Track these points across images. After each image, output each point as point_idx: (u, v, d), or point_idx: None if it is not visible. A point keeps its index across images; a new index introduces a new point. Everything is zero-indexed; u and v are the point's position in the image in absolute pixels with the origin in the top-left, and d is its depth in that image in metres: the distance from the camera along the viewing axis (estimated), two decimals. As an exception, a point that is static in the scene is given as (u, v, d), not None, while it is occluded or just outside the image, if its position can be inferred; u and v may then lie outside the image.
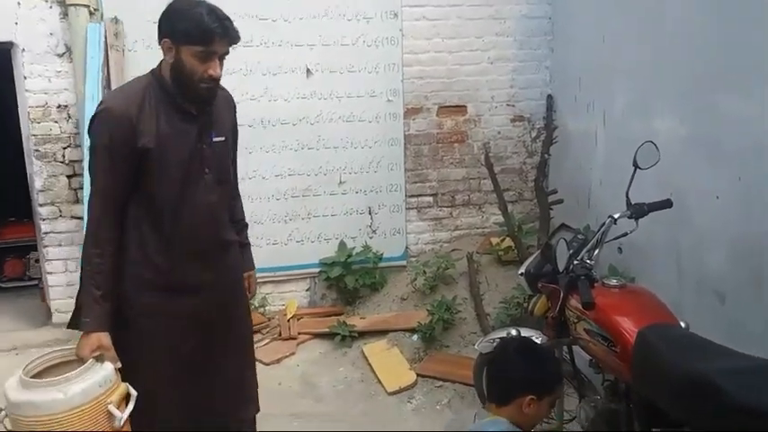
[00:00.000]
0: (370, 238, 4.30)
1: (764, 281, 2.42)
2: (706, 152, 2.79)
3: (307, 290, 4.27)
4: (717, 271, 2.71)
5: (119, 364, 1.88)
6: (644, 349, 1.81)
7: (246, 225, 2.35)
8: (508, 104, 4.43)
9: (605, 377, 2.21)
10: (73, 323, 1.93)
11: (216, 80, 1.91)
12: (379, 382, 3.38)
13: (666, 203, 2.33)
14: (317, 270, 4.22)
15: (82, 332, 1.87)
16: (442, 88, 4.32)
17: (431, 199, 4.45)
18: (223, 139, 2.04)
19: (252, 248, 2.37)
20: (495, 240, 4.24)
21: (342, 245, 4.24)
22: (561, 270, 2.22)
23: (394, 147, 4.26)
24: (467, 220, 4.53)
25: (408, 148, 4.32)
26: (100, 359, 1.84)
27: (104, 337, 1.86)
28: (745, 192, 2.55)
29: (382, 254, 4.28)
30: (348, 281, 4.13)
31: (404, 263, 4.37)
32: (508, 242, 4.04)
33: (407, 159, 4.33)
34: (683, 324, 1.98)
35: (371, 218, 4.30)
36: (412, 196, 4.39)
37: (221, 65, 1.91)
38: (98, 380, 1.76)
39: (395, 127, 4.24)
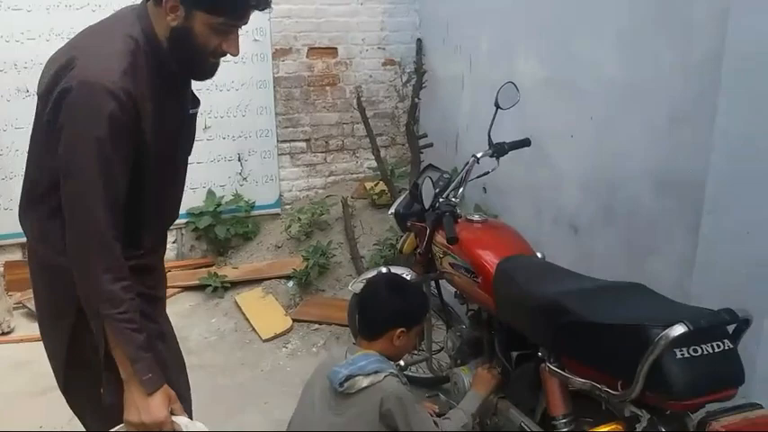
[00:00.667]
0: (241, 185, 4.16)
1: (612, 212, 2.62)
2: (562, 93, 2.94)
3: (173, 242, 4.05)
4: (571, 205, 2.90)
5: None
6: (503, 278, 1.90)
7: None
8: (379, 47, 4.39)
9: (469, 307, 2.31)
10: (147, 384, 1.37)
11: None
12: (254, 330, 3.34)
13: (525, 142, 2.43)
14: (184, 221, 4.00)
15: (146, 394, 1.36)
16: (311, 29, 4.19)
17: (304, 144, 4.37)
18: (197, 110, 1.67)
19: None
20: (369, 185, 4.25)
21: (210, 194, 4.06)
22: (427, 208, 2.26)
23: (263, 89, 4.09)
24: (341, 166, 4.50)
25: (278, 91, 4.17)
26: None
27: (167, 389, 1.41)
28: (597, 130, 2.72)
29: (254, 202, 4.16)
30: (218, 231, 3.98)
31: (278, 210, 4.28)
32: (382, 186, 4.08)
33: (278, 103, 4.18)
34: (539, 255, 2.11)
35: (241, 165, 4.14)
36: (284, 141, 4.28)
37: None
38: None
39: (263, 68, 4.06)
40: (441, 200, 2.24)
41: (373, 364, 1.68)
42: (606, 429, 1.43)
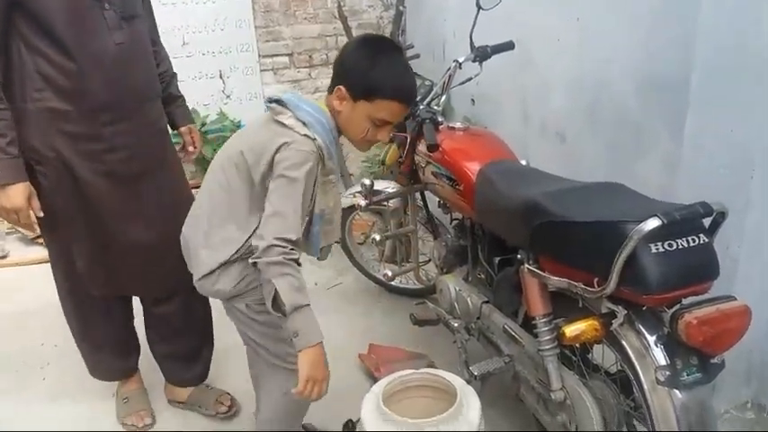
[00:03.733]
0: (225, 104, 4.07)
1: (596, 116, 2.57)
2: (548, -6, 2.82)
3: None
4: (558, 111, 2.84)
5: (41, 213, 1.83)
6: (484, 184, 1.89)
7: (174, 75, 2.18)
8: (360, -49, 4.19)
9: (453, 217, 2.32)
10: None
11: None
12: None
13: (509, 45, 2.34)
14: (169, 142, 3.94)
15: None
16: (287, -67, 3.98)
17: (286, 59, 4.24)
18: None
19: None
20: (355, 100, 4.16)
21: (194, 113, 3.96)
22: (407, 117, 2.21)
23: (240, 0, 3.93)
24: (326, 81, 4.33)
25: (257, 2, 4.00)
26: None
27: (28, 185, 1.77)
28: (582, 32, 2.62)
29: (240, 121, 4.09)
30: (205, 151, 3.92)
31: (263, 129, 4.20)
32: (367, 100, 3.98)
33: (257, 15, 4.03)
34: (523, 162, 2.08)
35: (224, 82, 4.04)
36: (266, 56, 4.16)
37: None
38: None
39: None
40: (421, 107, 2.19)
41: (308, 116, 1.57)
42: (583, 324, 1.45)
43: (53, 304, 2.23)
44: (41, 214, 1.82)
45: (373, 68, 1.57)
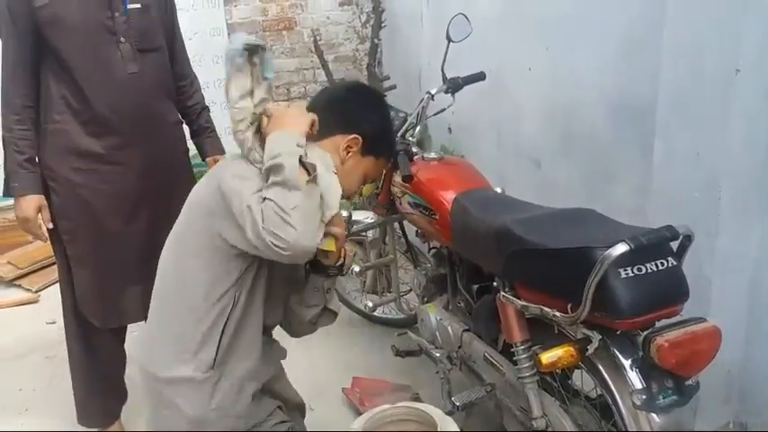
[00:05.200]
0: (203, 139, 4.08)
1: (569, 141, 2.62)
2: (518, 25, 2.89)
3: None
4: (532, 139, 2.89)
5: (50, 225, 1.98)
6: (459, 213, 1.91)
7: (205, 108, 2.28)
8: (334, -13, 4.27)
9: (431, 245, 2.33)
10: (5, 190, 1.97)
11: None
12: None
13: (480, 76, 2.39)
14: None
15: (15, 197, 1.93)
16: (261, -31, 4.05)
17: (265, 94, 4.28)
18: (139, 6, 1.95)
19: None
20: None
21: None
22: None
23: (216, 37, 3.98)
24: (305, 114, 4.43)
25: (233, 39, 4.06)
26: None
27: (40, 199, 1.94)
28: (552, 61, 2.69)
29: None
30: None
31: (243, 163, 4.22)
32: (346, 132, 4.02)
33: (234, 52, 4.07)
34: (498, 189, 2.11)
35: (202, 118, 4.06)
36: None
37: None
38: None
39: (215, 15, 3.95)
40: (396, 139, 2.22)
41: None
42: (559, 351, 1.47)
43: (34, 348, 2.20)
44: (51, 225, 1.99)
45: (388, 130, 1.61)
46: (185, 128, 2.25)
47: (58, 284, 4.00)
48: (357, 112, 1.53)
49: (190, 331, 1.33)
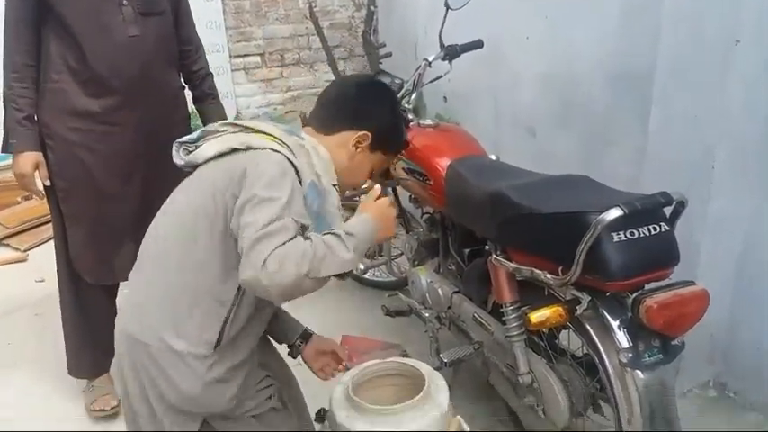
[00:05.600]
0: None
1: (568, 110, 2.64)
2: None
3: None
4: (528, 107, 2.91)
5: (47, 182, 2.00)
6: (454, 179, 1.93)
7: (209, 74, 2.28)
8: (331, -49, 4.22)
9: (424, 211, 2.35)
10: (3, 147, 1.98)
11: None
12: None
13: (477, 44, 2.38)
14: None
15: (13, 154, 1.95)
16: (258, -67, 3.98)
17: (258, 59, 4.25)
18: None
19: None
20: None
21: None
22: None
23: (210, 2, 3.92)
24: (299, 80, 4.41)
25: (227, 3, 3.99)
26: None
27: (38, 156, 1.95)
28: (551, 30, 2.69)
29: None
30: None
31: (235, 127, 4.19)
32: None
33: (227, 17, 4.03)
34: (493, 156, 2.12)
35: (195, 81, 4.02)
36: (237, 56, 4.15)
37: None
38: (434, 420, 1.44)
39: None
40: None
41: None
42: (548, 310, 1.50)
43: (23, 305, 2.21)
44: (48, 183, 2.01)
45: (399, 126, 1.59)
46: (188, 94, 2.24)
47: (46, 244, 4.04)
48: (367, 108, 1.49)
49: (195, 308, 1.27)
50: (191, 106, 2.27)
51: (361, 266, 2.59)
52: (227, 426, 1.36)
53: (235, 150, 1.30)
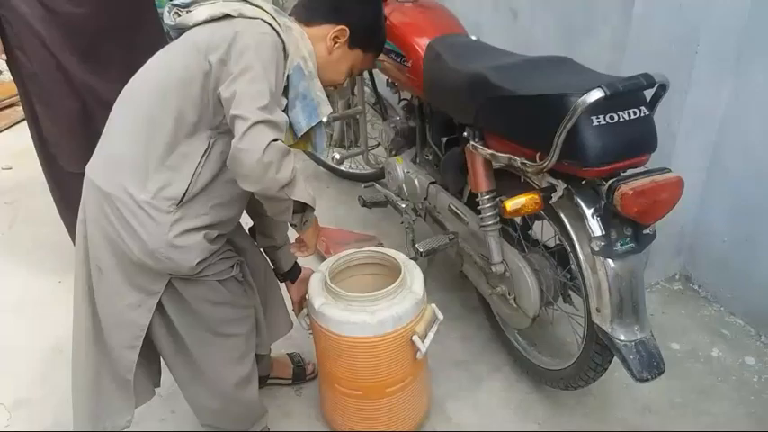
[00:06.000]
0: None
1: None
2: None
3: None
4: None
5: (4, 56, 1.91)
6: (432, 59, 1.83)
7: None
8: None
9: (401, 97, 2.26)
10: None
11: None
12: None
13: None
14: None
15: None
16: None
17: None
18: None
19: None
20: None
21: None
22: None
23: None
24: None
25: None
26: None
27: None
28: None
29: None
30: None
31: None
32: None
33: None
34: (473, 37, 2.00)
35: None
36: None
37: None
38: (409, 307, 1.50)
39: None
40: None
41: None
42: (523, 198, 1.46)
43: None
44: (5, 57, 1.91)
45: (379, 25, 1.52)
46: None
47: (12, 129, 3.89)
48: (347, 2, 1.45)
49: (162, 163, 1.25)
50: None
51: (337, 156, 2.52)
52: (191, 288, 1.35)
53: (227, 16, 1.28)
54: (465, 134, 1.70)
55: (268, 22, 1.28)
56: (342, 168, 2.92)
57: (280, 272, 1.69)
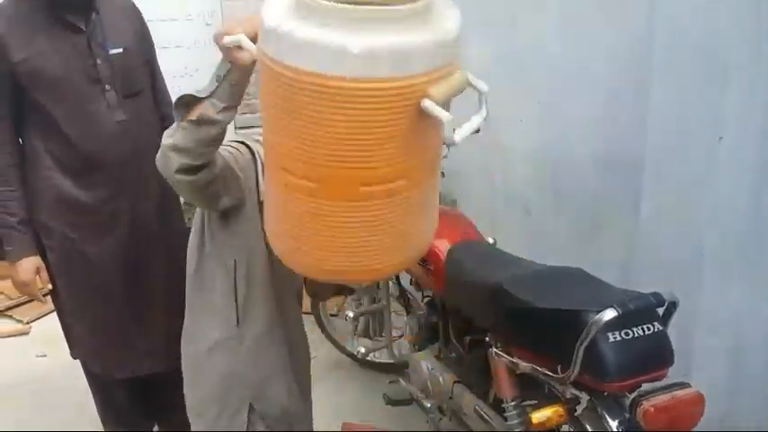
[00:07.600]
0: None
1: (560, 194, 2.68)
2: (510, 79, 2.97)
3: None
4: (522, 187, 2.96)
5: (49, 286, 1.94)
6: (453, 265, 1.96)
7: None
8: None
9: (424, 294, 2.37)
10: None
11: None
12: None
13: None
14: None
15: (11, 262, 1.87)
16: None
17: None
18: (121, 50, 1.89)
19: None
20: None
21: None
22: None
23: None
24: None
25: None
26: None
27: (37, 260, 1.88)
28: (543, 113, 2.77)
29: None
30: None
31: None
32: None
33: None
34: (490, 240, 2.16)
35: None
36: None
37: None
38: (424, 45, 0.94)
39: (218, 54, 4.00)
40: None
41: None
42: (549, 411, 1.50)
43: (24, 381, 2.21)
44: (50, 286, 1.95)
45: None
46: None
47: (50, 316, 4.00)
48: None
49: (208, 299, 1.45)
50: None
51: (363, 350, 2.58)
52: None
53: None
54: (487, 339, 1.78)
55: None
56: (367, 359, 2.96)
57: None
